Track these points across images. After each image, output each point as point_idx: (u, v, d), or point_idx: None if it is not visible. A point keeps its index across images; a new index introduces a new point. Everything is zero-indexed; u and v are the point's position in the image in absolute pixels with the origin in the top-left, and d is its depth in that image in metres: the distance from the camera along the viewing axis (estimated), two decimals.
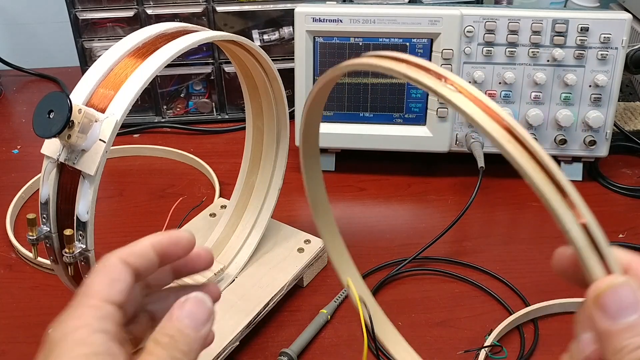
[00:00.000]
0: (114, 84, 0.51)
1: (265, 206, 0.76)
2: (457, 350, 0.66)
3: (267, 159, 0.75)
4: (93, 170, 0.47)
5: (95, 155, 0.47)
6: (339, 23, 0.87)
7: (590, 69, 0.86)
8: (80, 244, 0.49)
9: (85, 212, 0.47)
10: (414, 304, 0.72)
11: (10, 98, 1.23)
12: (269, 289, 0.69)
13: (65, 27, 1.04)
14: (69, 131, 0.46)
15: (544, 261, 0.78)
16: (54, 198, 0.50)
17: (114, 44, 0.53)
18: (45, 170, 0.50)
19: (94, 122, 0.47)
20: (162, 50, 0.53)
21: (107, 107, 0.49)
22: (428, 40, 0.87)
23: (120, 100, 0.49)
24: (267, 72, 0.67)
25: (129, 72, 0.51)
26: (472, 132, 0.89)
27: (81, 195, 0.48)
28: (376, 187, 0.93)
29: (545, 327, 0.69)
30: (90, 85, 0.51)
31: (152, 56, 0.52)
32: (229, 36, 0.59)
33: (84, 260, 0.50)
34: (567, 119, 0.87)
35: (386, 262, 0.77)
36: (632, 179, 0.94)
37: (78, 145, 0.47)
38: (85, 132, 0.47)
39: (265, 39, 1.05)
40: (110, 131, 0.47)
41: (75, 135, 0.46)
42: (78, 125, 0.46)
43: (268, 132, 0.73)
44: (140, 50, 0.53)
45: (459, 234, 0.83)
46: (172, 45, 0.53)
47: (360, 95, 0.91)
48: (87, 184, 0.47)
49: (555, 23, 0.85)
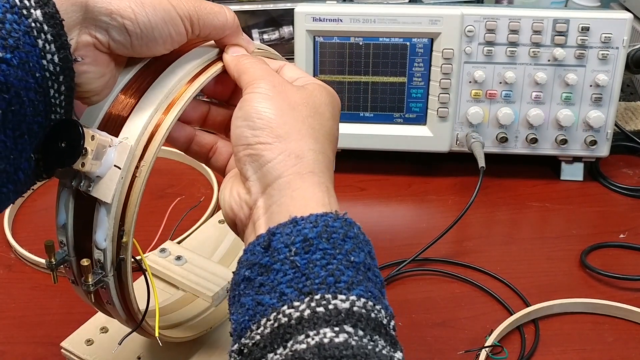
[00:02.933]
0: (130, 98, 0.48)
1: None
2: (457, 350, 0.66)
3: None
4: (109, 197, 0.45)
5: (111, 183, 0.45)
6: (339, 22, 0.86)
7: (591, 68, 0.86)
8: (99, 271, 0.47)
9: (103, 239, 0.46)
10: (414, 304, 0.72)
11: None
12: None
13: None
14: (82, 159, 0.43)
15: (544, 261, 0.78)
16: (71, 224, 0.48)
17: None
18: (60, 195, 0.48)
19: (107, 147, 0.45)
20: (184, 60, 0.49)
21: (121, 128, 0.46)
22: (428, 39, 0.87)
23: (135, 120, 0.46)
24: None
25: (150, 82, 0.48)
26: (473, 132, 0.89)
27: (98, 223, 0.46)
28: (376, 187, 0.93)
29: (546, 327, 0.69)
30: (103, 104, 0.47)
31: (170, 67, 0.49)
32: (266, 53, 0.55)
33: (103, 286, 0.49)
34: (567, 118, 0.87)
35: (386, 262, 0.77)
36: (633, 179, 0.94)
37: (93, 173, 0.45)
38: (99, 158, 0.44)
39: (265, 38, 1.05)
40: (125, 157, 0.45)
41: (90, 162, 0.44)
42: (91, 153, 0.44)
43: None
44: (163, 58, 0.49)
45: (459, 234, 0.82)
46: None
47: (360, 95, 0.91)
48: (104, 212, 0.46)
49: (556, 23, 0.84)
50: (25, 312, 0.71)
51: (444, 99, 0.88)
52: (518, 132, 0.90)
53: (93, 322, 0.64)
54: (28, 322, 0.70)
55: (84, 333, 0.63)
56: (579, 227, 0.84)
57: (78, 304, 0.62)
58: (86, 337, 0.62)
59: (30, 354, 0.67)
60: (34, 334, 0.69)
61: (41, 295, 0.73)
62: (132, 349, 0.61)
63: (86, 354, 0.61)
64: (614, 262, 0.78)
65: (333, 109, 0.48)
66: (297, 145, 0.44)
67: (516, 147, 0.90)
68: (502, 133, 0.89)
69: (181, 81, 0.48)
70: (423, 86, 0.90)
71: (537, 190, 0.91)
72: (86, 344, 0.62)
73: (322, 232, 0.40)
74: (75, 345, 0.62)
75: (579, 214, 0.87)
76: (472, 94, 0.88)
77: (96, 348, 0.61)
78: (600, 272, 0.75)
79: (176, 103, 0.47)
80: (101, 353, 0.61)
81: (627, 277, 0.74)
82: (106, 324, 0.63)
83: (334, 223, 0.41)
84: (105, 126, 0.47)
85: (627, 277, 0.74)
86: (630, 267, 0.77)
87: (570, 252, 0.79)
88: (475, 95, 0.88)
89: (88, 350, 0.61)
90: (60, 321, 0.69)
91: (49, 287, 0.73)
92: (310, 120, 0.45)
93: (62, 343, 0.62)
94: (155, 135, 0.46)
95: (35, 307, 0.72)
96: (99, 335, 0.63)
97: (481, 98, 0.88)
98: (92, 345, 0.62)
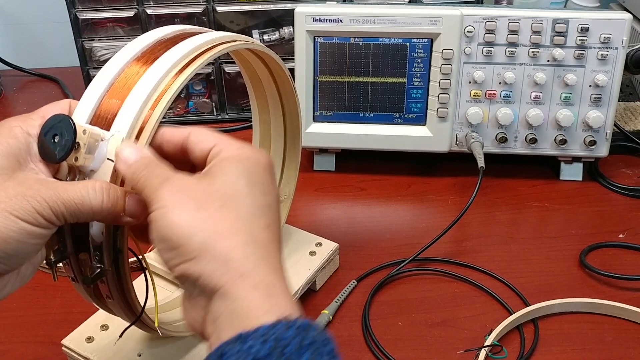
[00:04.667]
0: (119, 94, 0.48)
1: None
2: (457, 350, 0.66)
3: (276, 154, 0.73)
4: None
5: (105, 176, 0.46)
6: (339, 23, 0.87)
7: (591, 69, 0.86)
8: (97, 265, 0.48)
9: (100, 232, 0.46)
10: (414, 304, 0.72)
11: (10, 98, 1.23)
12: None
13: (65, 27, 1.04)
14: (75, 154, 0.44)
15: (544, 261, 0.78)
16: None
17: (114, 43, 0.51)
18: None
19: (99, 141, 0.46)
20: (170, 54, 0.50)
21: (112, 122, 0.47)
22: (428, 40, 0.87)
23: (125, 114, 0.47)
24: (275, 71, 0.66)
25: (135, 80, 0.49)
26: (473, 132, 0.90)
27: None
28: (376, 187, 0.93)
29: (545, 327, 0.69)
30: (94, 100, 0.48)
31: (156, 63, 0.49)
32: (251, 45, 0.57)
33: (102, 280, 0.49)
34: (567, 119, 0.87)
35: (386, 262, 0.77)
36: (632, 179, 0.94)
37: (86, 167, 0.46)
38: (92, 152, 0.45)
39: (265, 39, 1.05)
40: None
41: (83, 156, 0.45)
42: (84, 147, 0.44)
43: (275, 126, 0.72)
44: (147, 56, 0.51)
45: (459, 234, 0.83)
46: (176, 50, 0.50)
47: (360, 95, 0.91)
48: None
49: (555, 23, 0.85)
50: (26, 311, 0.72)
51: (444, 99, 0.88)
52: (517, 132, 0.90)
53: (93, 320, 0.64)
54: (29, 322, 0.70)
55: (84, 331, 0.63)
56: (578, 227, 0.84)
57: (78, 304, 0.62)
58: (87, 335, 0.62)
59: (31, 353, 0.67)
60: (34, 333, 0.69)
61: (42, 295, 0.73)
62: (133, 347, 0.61)
63: (87, 352, 0.61)
64: (613, 261, 0.78)
65: (249, 179, 0.43)
66: (219, 249, 0.39)
67: (516, 147, 0.91)
68: (502, 133, 0.89)
69: (169, 74, 0.49)
70: (423, 86, 0.90)
71: (537, 190, 0.91)
72: (87, 341, 0.62)
73: (274, 348, 0.36)
74: (76, 343, 0.62)
75: (579, 214, 0.87)
76: (471, 94, 0.88)
77: (97, 345, 0.62)
78: (599, 271, 0.75)
79: (164, 94, 0.48)
80: (102, 350, 0.61)
81: (626, 276, 0.74)
82: (106, 321, 0.63)
83: (285, 333, 0.36)
84: (97, 122, 0.48)
85: (626, 277, 0.74)
86: (629, 267, 0.77)
87: (570, 252, 0.79)
88: (475, 95, 0.88)
89: (89, 347, 0.61)
90: (61, 321, 0.70)
91: (49, 287, 0.73)
92: (224, 212, 0.41)
93: (63, 341, 0.62)
94: (145, 127, 0.47)
95: (35, 306, 0.72)
96: (100, 333, 0.63)
97: (481, 98, 0.89)
98: (93, 343, 0.62)
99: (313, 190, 0.93)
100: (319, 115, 0.93)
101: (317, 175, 0.96)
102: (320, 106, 0.92)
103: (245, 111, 1.10)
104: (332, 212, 0.89)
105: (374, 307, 0.72)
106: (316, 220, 0.87)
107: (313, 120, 0.93)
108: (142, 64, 0.50)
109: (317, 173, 0.96)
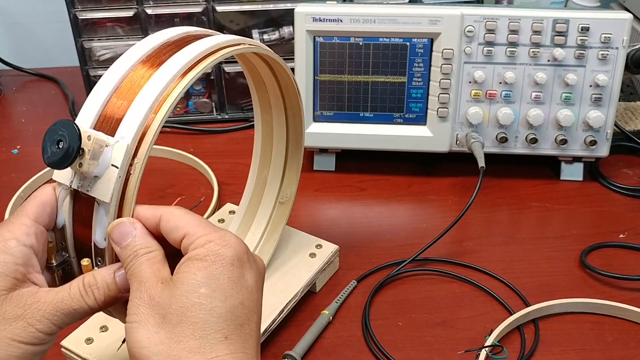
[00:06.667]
0: (124, 98, 0.48)
1: (277, 211, 0.74)
2: (457, 350, 0.66)
3: (278, 156, 0.73)
4: (108, 197, 0.45)
5: (109, 182, 0.45)
6: (339, 23, 0.86)
7: (591, 68, 0.86)
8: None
9: (103, 239, 0.46)
10: (414, 304, 0.72)
11: (10, 98, 1.23)
12: (283, 295, 0.68)
13: (65, 27, 1.04)
14: (79, 159, 0.44)
15: (544, 261, 0.78)
16: (70, 224, 0.48)
17: (113, 43, 0.51)
18: (58, 196, 0.48)
19: (104, 147, 0.45)
20: (176, 59, 0.50)
21: (116, 127, 0.47)
22: (428, 40, 0.87)
23: (130, 120, 0.47)
24: (279, 73, 0.65)
25: (141, 84, 0.48)
26: (473, 132, 0.89)
27: (97, 222, 0.47)
28: (376, 187, 0.93)
29: (546, 327, 0.69)
30: (98, 103, 0.48)
31: (162, 67, 0.49)
32: (256, 49, 0.57)
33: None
34: (567, 118, 0.87)
35: (386, 262, 0.77)
36: (632, 179, 0.94)
37: (90, 173, 0.45)
38: (97, 158, 0.45)
39: (265, 38, 1.05)
40: (122, 156, 0.45)
41: (87, 162, 0.44)
42: (88, 153, 0.44)
43: (277, 127, 0.72)
44: (153, 60, 0.50)
45: (459, 234, 0.83)
46: (180, 55, 0.50)
47: (360, 95, 0.91)
48: (103, 211, 0.46)
49: (555, 23, 0.84)
50: None
51: (444, 99, 0.88)
52: (518, 132, 0.90)
53: (93, 321, 0.64)
54: None
55: (84, 332, 0.63)
56: (578, 227, 0.84)
57: None
58: (86, 336, 0.62)
59: None
60: None
61: None
62: None
63: (86, 353, 0.61)
64: (613, 262, 0.78)
65: (209, 286, 0.42)
66: None
67: (516, 147, 0.91)
68: (502, 133, 0.89)
69: (175, 79, 0.49)
70: (423, 86, 0.90)
71: (537, 190, 0.91)
72: (86, 342, 0.62)
73: None
74: (75, 344, 0.62)
75: (579, 214, 0.87)
76: (472, 94, 0.88)
77: (96, 347, 0.61)
78: (600, 272, 0.75)
79: (166, 100, 0.48)
80: (101, 351, 0.61)
81: (627, 277, 0.74)
82: (106, 322, 0.63)
83: None
84: (101, 126, 0.48)
85: (626, 277, 0.74)
86: (629, 267, 0.77)
87: (570, 252, 0.79)
88: (475, 95, 0.88)
89: (88, 348, 0.61)
90: None
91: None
92: (181, 330, 0.41)
93: (62, 342, 0.62)
94: (148, 132, 0.47)
95: None
96: (99, 334, 0.63)
97: (481, 98, 0.88)
98: (92, 344, 0.62)
99: (313, 190, 0.93)
100: (319, 115, 0.93)
101: (317, 175, 0.96)
102: (320, 106, 0.92)
103: (245, 111, 1.10)
104: (332, 212, 0.89)
105: (374, 307, 0.72)
106: (316, 220, 0.87)
107: (313, 120, 0.93)
108: (147, 68, 0.50)
109: (317, 173, 0.96)
